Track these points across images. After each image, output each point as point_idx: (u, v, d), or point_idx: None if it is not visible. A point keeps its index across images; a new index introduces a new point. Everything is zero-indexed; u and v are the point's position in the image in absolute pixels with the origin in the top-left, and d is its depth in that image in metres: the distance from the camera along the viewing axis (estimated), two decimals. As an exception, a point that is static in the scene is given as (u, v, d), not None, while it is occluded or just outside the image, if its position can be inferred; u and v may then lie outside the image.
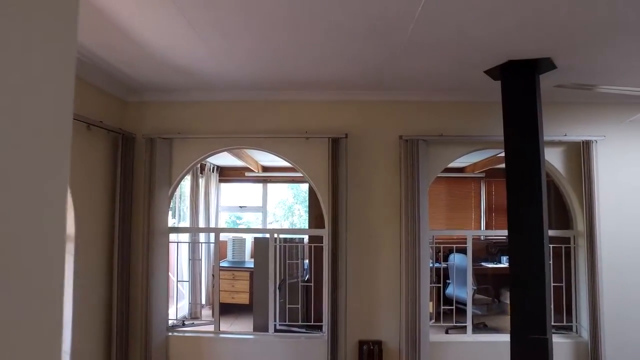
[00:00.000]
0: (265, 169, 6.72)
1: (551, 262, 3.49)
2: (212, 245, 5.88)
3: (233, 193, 7.13)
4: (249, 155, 5.63)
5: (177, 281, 4.92)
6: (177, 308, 4.39)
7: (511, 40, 2.41)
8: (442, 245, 5.10)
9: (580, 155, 3.50)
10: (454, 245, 4.65)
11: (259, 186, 6.98)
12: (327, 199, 3.43)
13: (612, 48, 2.49)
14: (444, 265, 5.34)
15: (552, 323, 3.46)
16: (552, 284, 3.50)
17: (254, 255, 4.25)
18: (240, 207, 7.03)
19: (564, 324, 3.67)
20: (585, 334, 3.47)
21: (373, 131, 3.55)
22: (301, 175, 6.38)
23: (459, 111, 3.56)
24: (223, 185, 6.83)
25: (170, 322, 3.77)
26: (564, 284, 3.66)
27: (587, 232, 3.46)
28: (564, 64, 2.71)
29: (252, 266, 5.46)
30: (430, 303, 3.84)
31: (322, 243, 3.56)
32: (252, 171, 6.44)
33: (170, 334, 3.58)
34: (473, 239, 3.82)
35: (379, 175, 3.54)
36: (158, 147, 3.41)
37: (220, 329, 3.65)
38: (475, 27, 2.25)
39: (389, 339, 3.43)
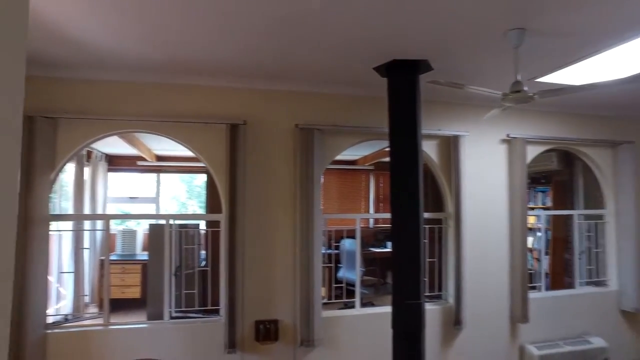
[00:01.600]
0: (160, 158, 6.46)
1: (427, 240, 4.01)
2: (98, 236, 5.51)
3: (123, 183, 6.72)
4: (142, 143, 5.39)
5: (60, 273, 4.53)
6: (58, 304, 4.06)
7: (394, 41, 2.73)
8: (334, 230, 5.44)
9: (449, 147, 4.06)
10: (345, 229, 5.01)
11: (151, 176, 6.69)
12: (224, 185, 3.48)
13: (476, 56, 2.97)
14: (335, 251, 5.72)
15: (427, 293, 3.99)
16: (428, 259, 4.04)
17: (148, 243, 4.12)
18: (131, 198, 6.66)
19: (436, 293, 4.22)
20: (451, 300, 4.04)
21: (271, 119, 3.68)
22: (197, 165, 6.33)
23: (353, 104, 3.87)
24: (113, 174, 6.41)
25: (51, 319, 3.49)
26: (436, 259, 4.21)
27: (454, 214, 4.03)
28: (440, 67, 3.13)
29: (144, 258, 5.25)
30: (324, 288, 4.12)
31: (220, 228, 3.61)
32: (145, 160, 6.15)
33: (49, 331, 3.30)
34: (362, 227, 4.18)
35: (276, 161, 3.69)
36: (39, 127, 3.13)
37: (111, 321, 3.49)
38: (362, 28, 2.51)
39: (284, 317, 3.62)
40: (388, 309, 3.23)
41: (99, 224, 5.52)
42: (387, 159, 6.05)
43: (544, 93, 2.49)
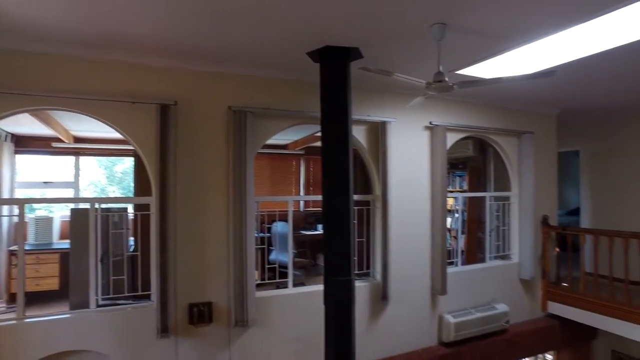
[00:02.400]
0: (78, 139, 6.02)
1: (356, 221, 4.22)
2: (5, 224, 5.06)
3: (35, 166, 6.18)
4: (58, 123, 4.99)
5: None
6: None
7: (327, 28, 2.81)
8: (266, 214, 5.49)
9: (377, 133, 4.28)
10: (277, 212, 5.09)
11: (69, 159, 6.22)
12: (154, 167, 3.38)
13: (403, 47, 3.16)
14: (267, 234, 5.78)
15: (356, 271, 4.21)
16: (357, 239, 4.25)
17: (69, 229, 3.87)
18: (45, 182, 6.15)
19: (364, 270, 4.46)
20: (378, 277, 4.32)
21: (203, 100, 3.62)
22: (122, 148, 6.00)
23: (286, 88, 3.91)
24: (22, 157, 5.86)
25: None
26: (365, 239, 4.45)
27: (382, 196, 4.28)
28: (370, 55, 3.28)
29: (63, 247, 4.92)
30: (257, 272, 4.17)
31: (150, 212, 3.51)
32: (61, 141, 5.70)
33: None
34: (293, 211, 4.27)
35: (208, 143, 3.65)
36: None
37: (26, 314, 3.25)
38: (297, 13, 2.57)
39: (218, 299, 3.64)
40: (320, 287, 3.38)
41: (5, 210, 5.07)
42: (318, 144, 6.20)
43: (463, 84, 2.74)
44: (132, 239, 4.57)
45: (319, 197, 3.30)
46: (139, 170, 4.05)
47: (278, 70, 3.80)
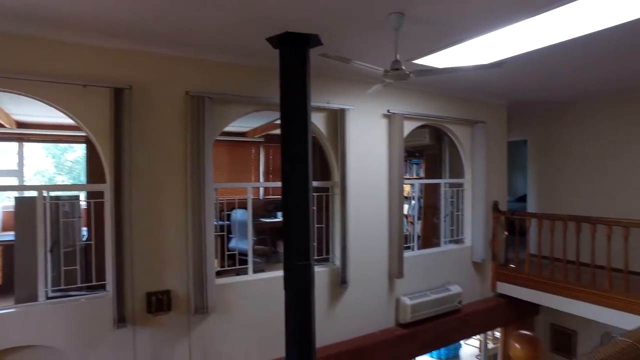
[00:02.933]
0: (22, 124, 5.68)
1: (315, 207, 4.27)
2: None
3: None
4: (-2, 106, 4.69)
5: None
6: None
7: (287, 14, 2.80)
8: (225, 201, 5.43)
9: (336, 120, 4.32)
10: (236, 200, 5.06)
11: (11, 146, 5.86)
12: (108, 153, 3.26)
13: (362, 35, 3.20)
14: (227, 222, 5.73)
15: (316, 256, 4.28)
16: (316, 225, 4.30)
17: (14, 219, 3.67)
18: (-15, 170, 5.77)
19: (324, 256, 4.54)
20: (337, 262, 4.40)
21: (160, 84, 3.51)
22: (70, 134, 5.72)
23: (245, 73, 3.86)
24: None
25: None
26: (324, 225, 4.51)
27: (340, 182, 4.34)
28: (328, 42, 3.30)
29: (6, 239, 4.67)
30: (216, 260, 4.14)
31: (104, 199, 3.39)
32: (2, 126, 5.36)
33: None
34: (253, 199, 4.26)
35: (166, 129, 3.55)
36: None
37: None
38: (258, -4, 2.54)
39: (177, 287, 3.59)
40: (280, 273, 3.41)
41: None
42: (277, 132, 6.17)
43: (419, 72, 2.83)
44: (85, 228, 4.41)
45: (278, 184, 3.31)
46: (92, 158, 3.89)
47: (238, 55, 3.75)
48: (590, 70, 4.43)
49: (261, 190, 7.73)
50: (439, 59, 3.76)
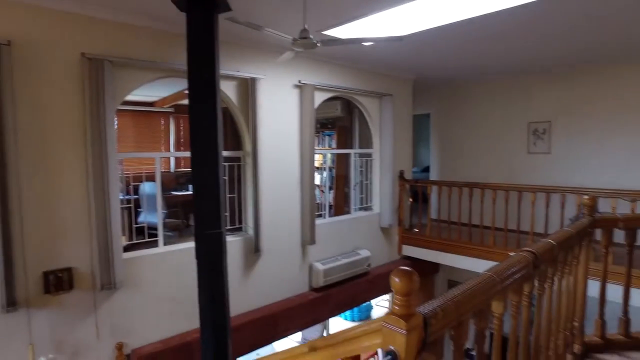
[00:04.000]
0: None
1: (227, 177, 4.25)
2: None
3: None
4: None
5: None
6: None
7: (191, -27, 2.69)
8: (132, 174, 5.17)
9: (247, 89, 4.28)
10: (144, 173, 4.83)
11: None
12: (-13, 120, 2.91)
13: (271, 3, 3.17)
14: (135, 196, 5.46)
15: (229, 226, 4.28)
16: (228, 195, 4.29)
17: None
18: None
19: (237, 225, 4.55)
20: (251, 231, 4.44)
21: (51, 43, 3.16)
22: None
23: (151, 37, 3.63)
24: None
25: None
26: (236, 195, 4.51)
27: (252, 152, 4.34)
28: (238, 8, 3.22)
29: None
30: (123, 237, 3.95)
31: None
32: None
33: None
34: (163, 171, 4.11)
35: (59, 93, 3.24)
36: None
37: None
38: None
39: (79, 264, 3.38)
40: (191, 244, 3.37)
41: None
42: (187, 101, 5.94)
43: (326, 42, 2.89)
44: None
45: (188, 154, 3.23)
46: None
47: (142, 17, 3.51)
48: (479, 51, 4.86)
49: (172, 163, 7.43)
50: (347, 31, 3.87)
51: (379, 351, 1.03)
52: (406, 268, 1.00)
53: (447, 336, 1.21)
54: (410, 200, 6.37)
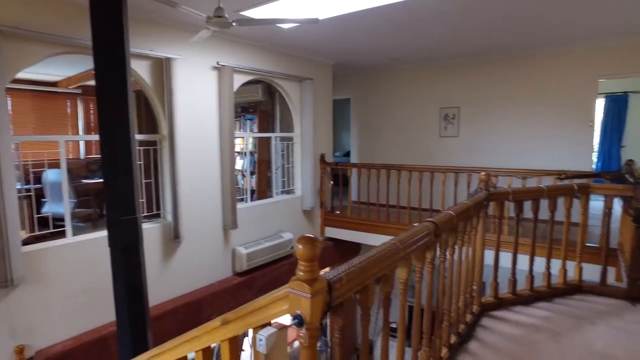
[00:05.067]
0: None
1: (142, 162, 4.05)
2: None
3: None
4: None
5: None
6: None
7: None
8: (31, 162, 4.71)
9: (162, 70, 4.08)
10: (46, 160, 4.43)
11: None
12: None
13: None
14: (37, 185, 4.99)
15: (146, 212, 4.11)
16: (145, 181, 4.11)
17: None
18: None
19: (155, 212, 4.37)
20: (169, 217, 4.30)
21: None
22: None
23: (50, 6, 3.30)
24: None
25: None
26: (153, 180, 4.32)
27: (169, 135, 4.18)
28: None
29: None
30: (23, 231, 3.61)
31: None
32: None
33: None
34: (73, 158, 3.81)
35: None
36: None
37: None
38: None
39: (-31, 259, 3.05)
40: (103, 233, 3.18)
41: None
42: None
43: (241, 22, 2.86)
44: None
45: (96, 137, 3.03)
46: None
47: (33, -16, 3.18)
48: (394, 38, 5.09)
49: (82, 149, 6.88)
50: (266, 12, 3.83)
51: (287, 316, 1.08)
52: (309, 235, 1.06)
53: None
54: (332, 183, 6.54)
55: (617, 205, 3.51)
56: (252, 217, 5.32)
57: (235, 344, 1.36)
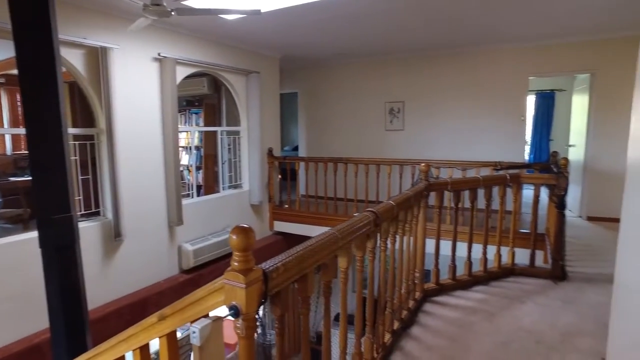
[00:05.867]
0: None
1: (77, 157, 3.84)
2: None
3: None
4: None
5: None
6: None
7: None
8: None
9: (98, 60, 3.87)
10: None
11: None
12: None
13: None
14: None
15: (84, 210, 3.90)
16: (81, 177, 3.89)
17: None
18: None
19: (94, 210, 4.15)
20: (109, 215, 4.11)
21: None
22: None
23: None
24: None
25: None
26: (91, 176, 4.10)
27: (107, 130, 3.98)
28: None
29: None
30: None
31: None
32: None
33: None
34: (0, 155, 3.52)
35: None
36: None
37: None
38: None
39: None
40: (35, 233, 2.99)
41: None
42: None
43: (181, 11, 2.77)
44: None
45: (23, 131, 2.82)
46: None
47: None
48: (340, 33, 5.14)
49: (8, 144, 6.39)
50: (207, 2, 3.74)
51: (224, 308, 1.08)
52: (243, 225, 1.06)
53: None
54: (280, 177, 6.52)
55: (545, 193, 3.78)
56: (199, 213, 5.20)
57: (174, 340, 1.33)
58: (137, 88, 4.31)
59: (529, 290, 3.16)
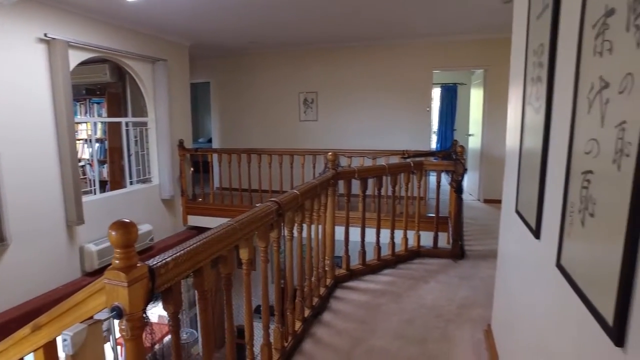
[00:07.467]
0: None
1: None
2: None
3: None
4: None
5: None
6: None
7: None
8: None
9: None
10: None
11: None
12: None
13: None
14: None
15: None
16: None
17: None
18: None
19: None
20: (-9, 217, 3.65)
21: None
22: None
23: None
24: None
25: None
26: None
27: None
28: None
29: None
30: None
31: None
32: None
33: None
34: None
35: None
36: None
37: None
38: None
39: None
40: None
41: None
42: None
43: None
44: None
45: None
46: None
47: None
48: (251, 22, 5.04)
49: None
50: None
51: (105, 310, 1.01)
52: (124, 220, 0.99)
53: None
54: (192, 169, 6.28)
55: (446, 179, 4.07)
56: (103, 210, 4.83)
57: (52, 352, 1.22)
58: (19, 72, 3.83)
59: (432, 270, 3.39)
